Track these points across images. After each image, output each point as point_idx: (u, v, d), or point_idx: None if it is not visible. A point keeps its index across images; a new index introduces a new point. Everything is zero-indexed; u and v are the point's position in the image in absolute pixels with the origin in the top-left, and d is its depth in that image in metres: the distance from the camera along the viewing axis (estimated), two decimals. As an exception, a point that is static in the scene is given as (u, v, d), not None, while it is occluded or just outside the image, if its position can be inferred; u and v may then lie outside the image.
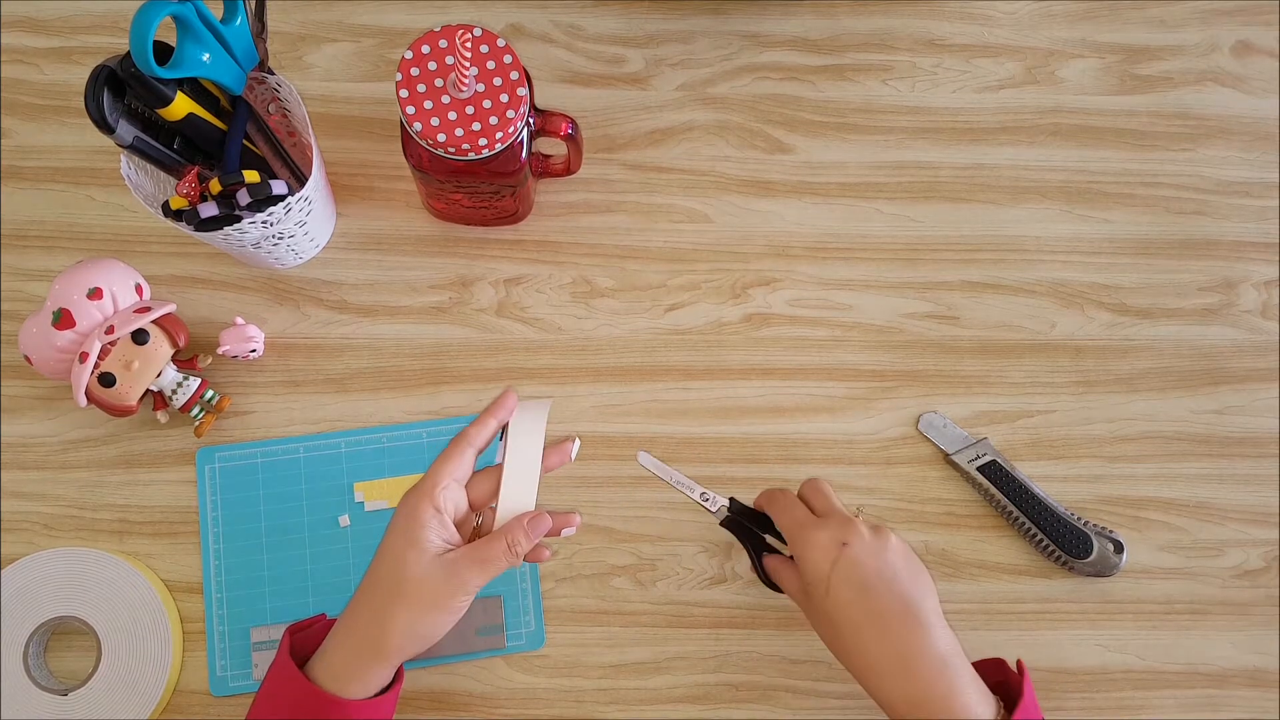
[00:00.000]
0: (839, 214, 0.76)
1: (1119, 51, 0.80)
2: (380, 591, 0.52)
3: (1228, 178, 0.78)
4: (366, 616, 0.53)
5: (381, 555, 0.53)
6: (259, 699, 0.54)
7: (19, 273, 0.72)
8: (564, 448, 0.58)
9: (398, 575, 0.52)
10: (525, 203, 0.72)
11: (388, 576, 0.52)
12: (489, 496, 0.56)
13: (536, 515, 0.54)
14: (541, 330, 0.73)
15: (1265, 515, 0.72)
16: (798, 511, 0.59)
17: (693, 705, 0.68)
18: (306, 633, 0.56)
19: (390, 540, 0.53)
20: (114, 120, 0.60)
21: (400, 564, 0.52)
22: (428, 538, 0.52)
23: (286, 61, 0.76)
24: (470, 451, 0.55)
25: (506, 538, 0.53)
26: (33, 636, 0.65)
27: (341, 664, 0.52)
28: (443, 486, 0.53)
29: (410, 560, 0.52)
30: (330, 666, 0.52)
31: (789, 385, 0.73)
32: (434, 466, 0.54)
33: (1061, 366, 0.74)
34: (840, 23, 0.79)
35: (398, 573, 0.52)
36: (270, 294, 0.72)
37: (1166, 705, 0.69)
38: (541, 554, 0.56)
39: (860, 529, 0.56)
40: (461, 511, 0.55)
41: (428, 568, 0.52)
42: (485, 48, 0.61)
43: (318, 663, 0.53)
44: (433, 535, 0.52)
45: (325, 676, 0.52)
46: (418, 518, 0.52)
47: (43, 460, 0.69)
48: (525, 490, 0.55)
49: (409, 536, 0.52)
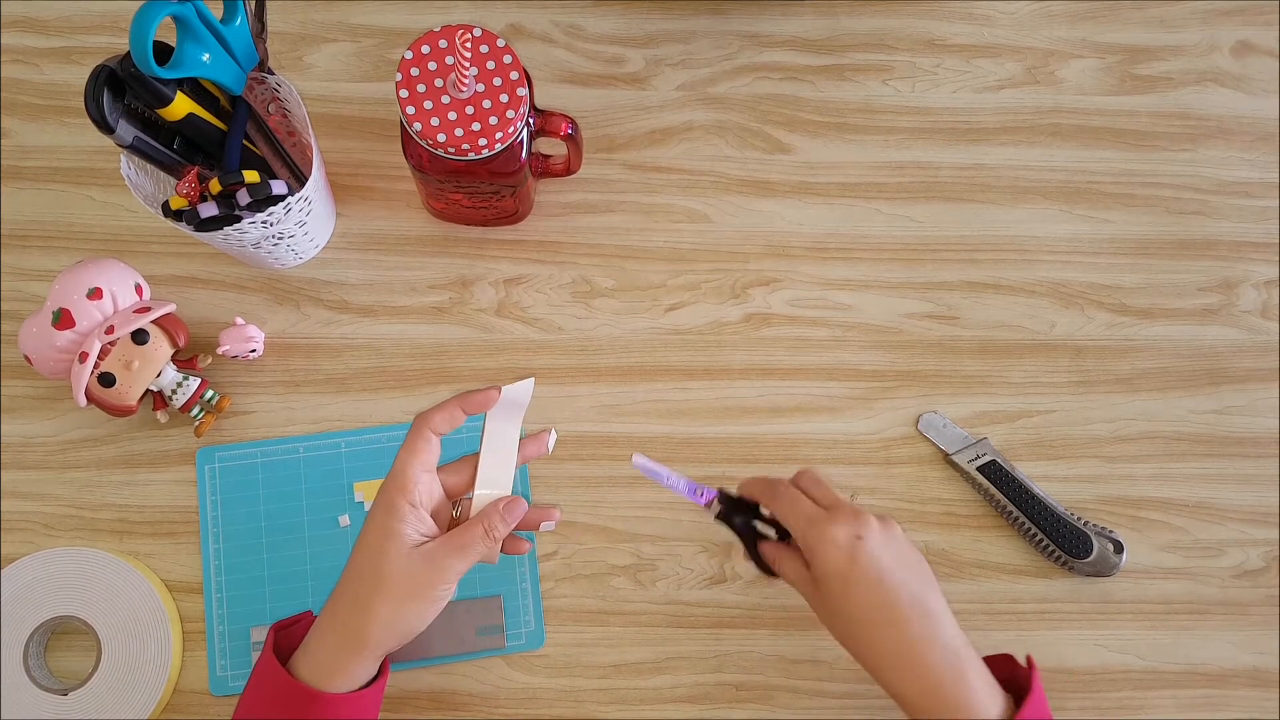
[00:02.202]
0: (839, 214, 0.76)
1: (1119, 51, 0.80)
2: (360, 585, 0.52)
3: (1228, 178, 0.78)
4: (347, 610, 0.52)
5: (359, 549, 0.53)
6: (245, 696, 0.54)
7: (19, 273, 0.72)
8: (541, 438, 0.57)
9: (377, 568, 0.52)
10: (525, 203, 0.72)
11: (368, 570, 0.52)
12: (466, 485, 0.56)
13: (512, 500, 0.54)
14: (541, 330, 0.73)
15: (1265, 515, 0.72)
16: (804, 506, 0.58)
17: (693, 705, 0.68)
18: (292, 630, 0.56)
19: (367, 534, 0.53)
20: (114, 120, 0.60)
21: (379, 557, 0.52)
22: (404, 530, 0.52)
23: (286, 61, 0.76)
24: (434, 440, 0.54)
25: (484, 523, 0.53)
26: (33, 636, 0.65)
27: (323, 658, 0.52)
28: (414, 480, 0.53)
29: (390, 552, 0.52)
30: (312, 661, 0.52)
31: (789, 385, 0.73)
32: (401, 458, 0.53)
33: (1061, 366, 0.74)
34: (840, 23, 0.79)
35: (377, 566, 0.52)
36: (270, 294, 0.72)
37: (1166, 705, 0.69)
38: (520, 545, 0.56)
39: (872, 521, 0.56)
40: (437, 499, 0.55)
41: (407, 559, 0.52)
42: (485, 48, 0.61)
43: (301, 658, 0.53)
44: (409, 529, 0.52)
45: (308, 671, 0.52)
46: (394, 511, 0.52)
47: (43, 460, 0.69)
48: (502, 477, 0.55)
49: (386, 529, 0.52)
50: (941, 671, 0.53)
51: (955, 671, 0.53)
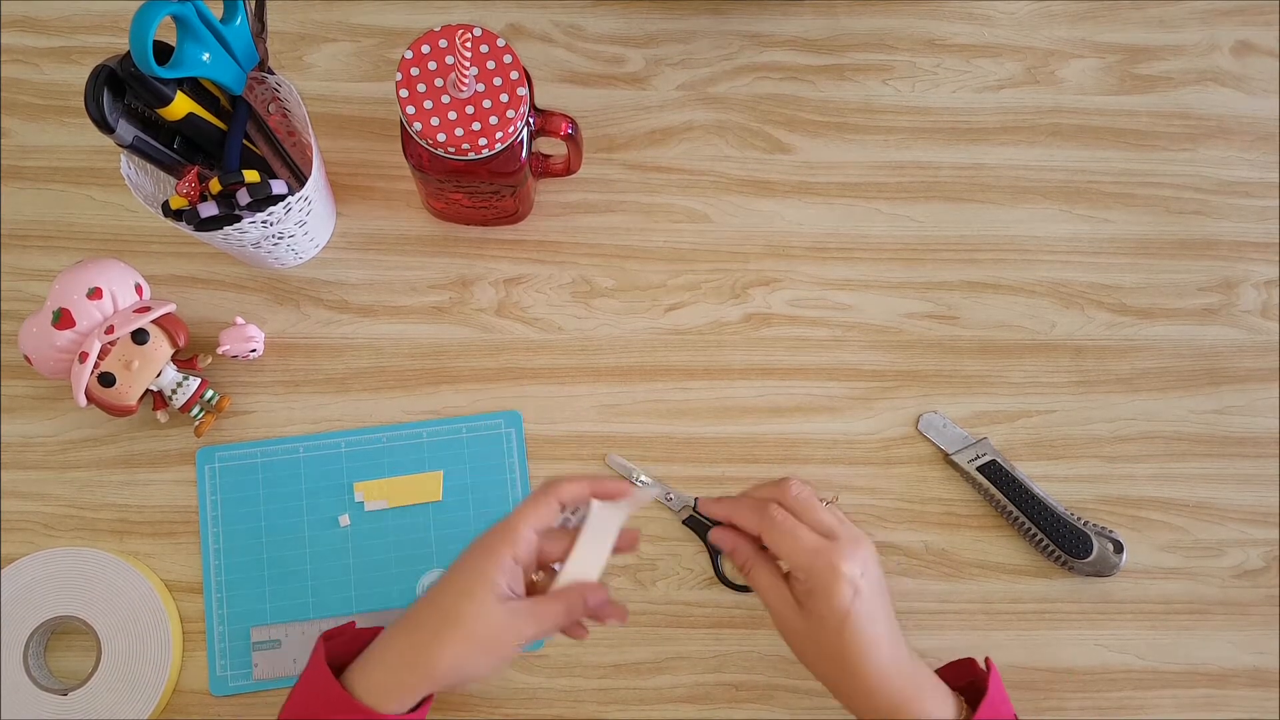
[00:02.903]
0: (839, 214, 0.76)
1: (1119, 51, 0.80)
2: (439, 618, 0.52)
3: (1228, 178, 0.78)
4: (420, 639, 0.52)
5: (447, 585, 0.53)
6: (291, 702, 0.54)
7: (19, 273, 0.72)
8: (633, 534, 0.57)
9: (461, 608, 0.51)
10: (525, 203, 0.72)
11: (450, 606, 0.52)
12: (558, 556, 0.55)
13: (597, 587, 0.54)
14: (541, 330, 0.73)
15: (1265, 515, 0.72)
16: (805, 537, 0.53)
17: (693, 705, 0.68)
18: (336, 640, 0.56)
19: (461, 573, 0.53)
20: (114, 120, 0.60)
21: (467, 598, 0.52)
22: (499, 581, 0.52)
23: (286, 61, 0.76)
24: (557, 506, 0.54)
25: (568, 602, 0.53)
26: (33, 636, 0.65)
27: (382, 679, 0.52)
28: (524, 537, 0.53)
29: (478, 596, 0.51)
30: (370, 679, 0.52)
31: (789, 385, 0.73)
32: (520, 512, 0.53)
33: (1061, 366, 0.74)
34: (840, 23, 0.79)
35: (462, 606, 0.52)
36: (270, 294, 0.72)
37: (1166, 705, 0.69)
38: (580, 631, 0.56)
39: (871, 550, 0.53)
40: (531, 562, 0.54)
41: (492, 609, 0.51)
42: (485, 48, 0.61)
43: (357, 674, 0.52)
44: (504, 579, 0.52)
45: (362, 688, 0.52)
46: (495, 559, 0.52)
47: (43, 460, 0.69)
48: (594, 562, 0.55)
49: (482, 574, 0.52)
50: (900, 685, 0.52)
51: (913, 684, 0.53)
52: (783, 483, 0.55)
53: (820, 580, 0.52)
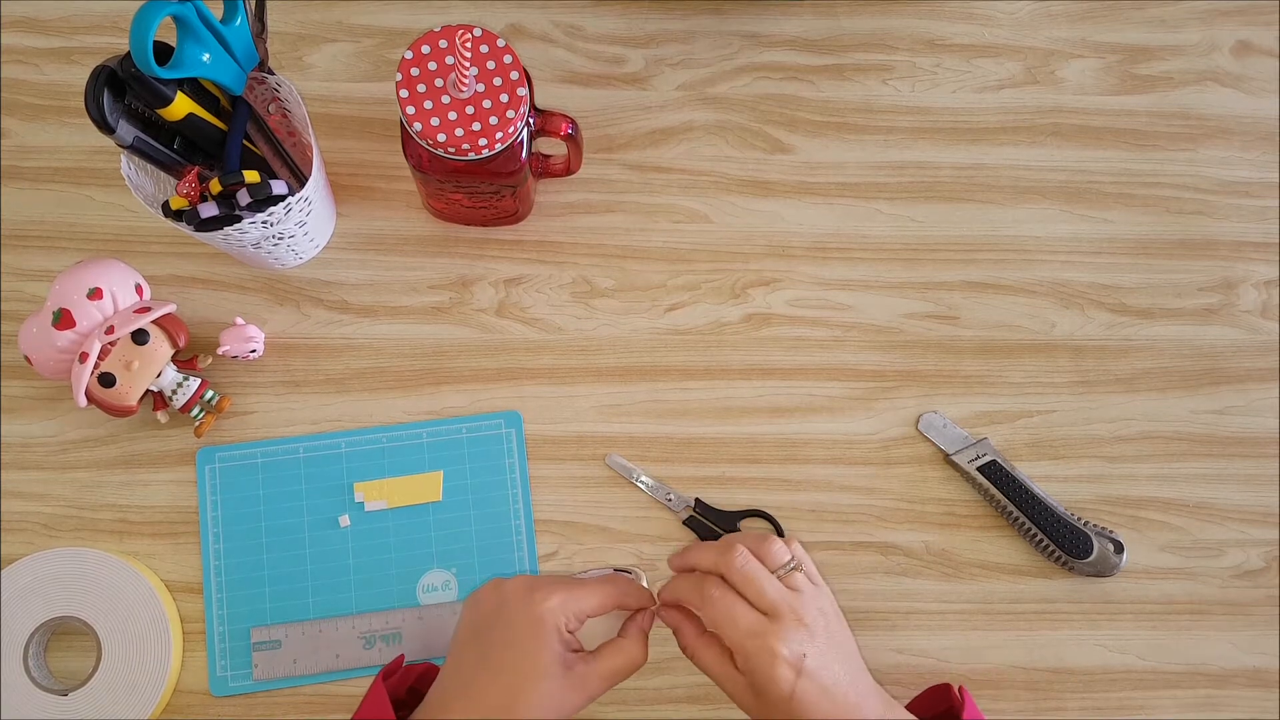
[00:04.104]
0: (839, 214, 0.76)
1: (1119, 51, 0.80)
2: (510, 675, 0.51)
3: (1228, 178, 0.78)
4: (496, 697, 0.50)
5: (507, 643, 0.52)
6: None
7: (19, 273, 0.72)
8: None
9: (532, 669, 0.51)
10: (525, 203, 0.72)
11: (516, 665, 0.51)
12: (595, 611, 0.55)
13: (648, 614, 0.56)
14: (541, 330, 0.73)
15: (1265, 515, 0.72)
16: (743, 618, 0.51)
17: (693, 705, 0.68)
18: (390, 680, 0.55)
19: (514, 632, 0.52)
20: (114, 120, 0.60)
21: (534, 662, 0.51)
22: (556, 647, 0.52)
23: (286, 61, 0.76)
24: (614, 607, 0.54)
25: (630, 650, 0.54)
26: (33, 636, 0.65)
27: None
28: (569, 625, 0.52)
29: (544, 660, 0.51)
30: None
31: (789, 385, 0.73)
32: (585, 591, 0.53)
33: (1061, 366, 0.74)
34: (840, 23, 0.79)
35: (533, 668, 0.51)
36: (270, 294, 0.72)
37: (1166, 705, 0.69)
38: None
39: (816, 626, 0.51)
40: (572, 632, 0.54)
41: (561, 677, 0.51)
42: (485, 48, 0.61)
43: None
44: (559, 644, 0.52)
45: None
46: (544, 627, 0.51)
47: (43, 460, 0.69)
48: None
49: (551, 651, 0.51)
50: None
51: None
52: (728, 552, 0.52)
53: (758, 664, 0.50)
